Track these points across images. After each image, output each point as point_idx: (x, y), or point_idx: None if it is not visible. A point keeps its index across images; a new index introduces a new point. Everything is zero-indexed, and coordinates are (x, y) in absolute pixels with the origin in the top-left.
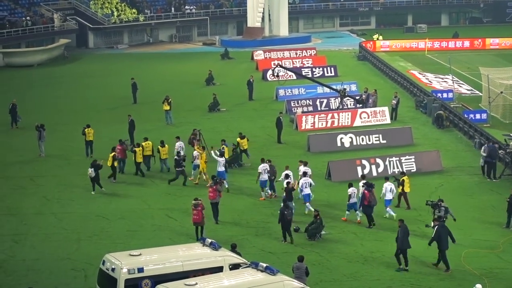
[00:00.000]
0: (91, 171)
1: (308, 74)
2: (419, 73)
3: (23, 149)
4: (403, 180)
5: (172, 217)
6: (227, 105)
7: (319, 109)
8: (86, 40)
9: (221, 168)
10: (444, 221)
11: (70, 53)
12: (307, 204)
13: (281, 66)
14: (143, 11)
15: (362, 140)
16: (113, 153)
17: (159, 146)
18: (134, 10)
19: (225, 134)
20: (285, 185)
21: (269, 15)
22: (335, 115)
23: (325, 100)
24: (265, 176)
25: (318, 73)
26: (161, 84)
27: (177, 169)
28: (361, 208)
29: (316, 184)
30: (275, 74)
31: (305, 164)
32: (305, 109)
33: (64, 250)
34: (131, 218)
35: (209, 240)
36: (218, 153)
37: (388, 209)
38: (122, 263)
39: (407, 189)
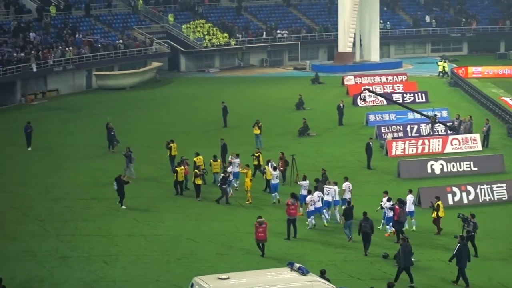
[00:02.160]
0: (115, 184)
1: (399, 100)
2: (511, 99)
3: (116, 171)
4: (438, 205)
5: None
6: (317, 129)
7: (409, 135)
8: (178, 63)
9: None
10: (473, 236)
11: (162, 76)
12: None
13: (370, 91)
14: (234, 35)
15: (453, 167)
16: (181, 167)
17: (211, 160)
18: (225, 34)
19: (315, 159)
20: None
21: (360, 40)
22: (426, 141)
23: (415, 126)
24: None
25: (409, 99)
26: (251, 108)
27: (223, 186)
28: (391, 224)
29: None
30: (362, 98)
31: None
32: (395, 134)
33: (154, 272)
34: (220, 241)
35: (297, 265)
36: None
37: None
38: (211, 286)
39: (441, 214)
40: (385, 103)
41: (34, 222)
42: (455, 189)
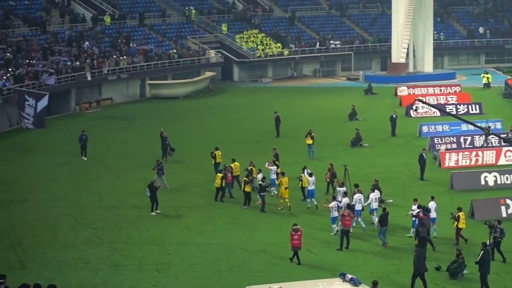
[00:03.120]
0: (147, 191)
1: (452, 111)
2: None
3: (169, 179)
4: (459, 216)
5: (312, 251)
6: (370, 140)
7: (463, 146)
8: (231, 73)
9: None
10: (499, 242)
11: (215, 86)
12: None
13: (423, 102)
14: (287, 45)
15: (507, 179)
16: (221, 174)
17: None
18: (279, 45)
19: (367, 170)
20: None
21: (414, 51)
22: (479, 153)
23: (469, 138)
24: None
25: (463, 110)
26: (304, 118)
27: (260, 193)
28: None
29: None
30: (414, 108)
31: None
32: (448, 146)
33: (206, 281)
34: (272, 251)
35: (350, 276)
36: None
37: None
38: None
39: (462, 225)
40: (438, 114)
41: (87, 230)
42: (508, 201)
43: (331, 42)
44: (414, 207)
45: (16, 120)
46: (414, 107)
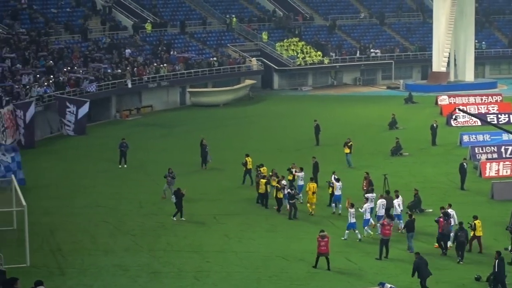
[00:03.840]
0: (173, 197)
1: (493, 121)
2: None
3: (208, 187)
4: (475, 224)
5: (351, 260)
6: (410, 149)
7: (504, 156)
8: (271, 81)
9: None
10: None
11: (255, 94)
12: (366, 228)
13: (463, 111)
14: (328, 53)
15: None
16: (265, 180)
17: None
18: (319, 53)
19: (407, 179)
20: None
21: (455, 60)
22: None
23: (510, 147)
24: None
25: (504, 119)
26: (344, 127)
27: (290, 201)
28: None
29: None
30: (454, 118)
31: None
32: (489, 156)
33: None
34: (311, 260)
35: (389, 285)
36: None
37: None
38: None
39: (479, 233)
40: (479, 123)
41: (126, 237)
42: None
43: (372, 50)
44: (451, 211)
45: (57, 127)
46: (454, 116)
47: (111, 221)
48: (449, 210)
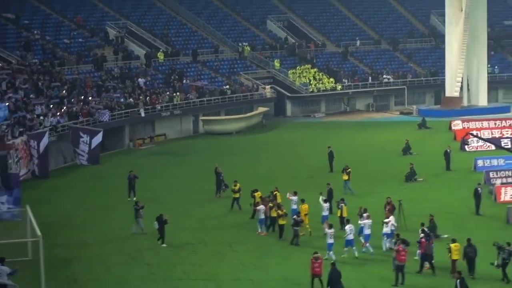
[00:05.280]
0: (155, 223)
1: (507, 145)
2: None
3: (223, 215)
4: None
5: (367, 287)
6: (424, 175)
7: None
8: (284, 108)
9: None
10: (507, 263)
11: (268, 121)
12: (367, 244)
13: (476, 136)
14: (340, 80)
15: None
16: (272, 204)
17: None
18: (331, 79)
19: (422, 205)
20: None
21: (468, 84)
22: None
23: None
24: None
25: None
26: (357, 153)
27: (294, 227)
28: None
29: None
30: (466, 143)
31: None
32: (504, 180)
33: None
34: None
35: None
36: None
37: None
38: None
39: (455, 256)
40: (493, 148)
41: (141, 267)
42: None
43: (384, 76)
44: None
45: (70, 156)
46: (466, 141)
47: (126, 251)
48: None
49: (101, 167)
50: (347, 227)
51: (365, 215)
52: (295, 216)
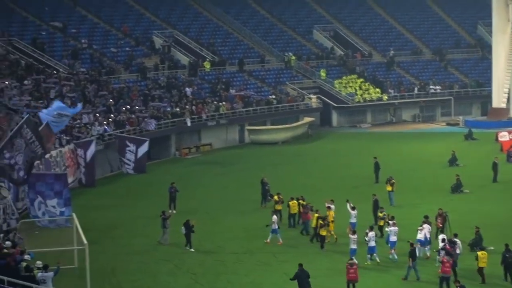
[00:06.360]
0: (182, 229)
1: None
2: None
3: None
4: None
5: None
6: (470, 186)
7: None
8: (330, 118)
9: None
10: (511, 262)
11: (314, 132)
12: (393, 251)
13: None
14: (386, 90)
15: None
16: (317, 214)
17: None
18: (378, 90)
19: (468, 217)
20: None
21: None
22: None
23: None
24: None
25: None
26: (403, 164)
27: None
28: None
29: None
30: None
31: None
32: None
33: None
34: None
35: None
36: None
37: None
38: None
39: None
40: None
41: (186, 275)
42: None
43: (431, 87)
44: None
45: (117, 165)
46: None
47: (171, 260)
48: (455, 239)
49: (147, 176)
50: (370, 234)
51: (391, 222)
52: (321, 222)
